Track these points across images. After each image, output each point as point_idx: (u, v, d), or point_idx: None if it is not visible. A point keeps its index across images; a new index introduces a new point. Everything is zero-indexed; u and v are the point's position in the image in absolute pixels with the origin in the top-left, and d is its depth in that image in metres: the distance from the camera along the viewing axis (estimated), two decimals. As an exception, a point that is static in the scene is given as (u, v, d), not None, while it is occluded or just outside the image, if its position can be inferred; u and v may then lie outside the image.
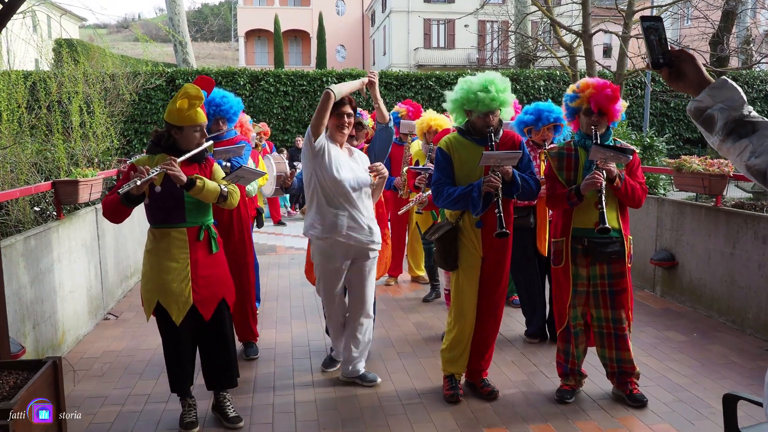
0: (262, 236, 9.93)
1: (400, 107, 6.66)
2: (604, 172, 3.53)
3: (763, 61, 15.83)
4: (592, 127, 3.66)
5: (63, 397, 3.01)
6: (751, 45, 18.15)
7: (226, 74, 17.18)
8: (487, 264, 3.83)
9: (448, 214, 3.93)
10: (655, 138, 9.88)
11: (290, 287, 6.79)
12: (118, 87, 8.33)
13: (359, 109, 4.35)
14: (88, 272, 5.38)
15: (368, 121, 5.26)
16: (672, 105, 20.27)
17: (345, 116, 3.91)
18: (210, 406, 3.74)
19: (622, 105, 3.70)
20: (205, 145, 3.47)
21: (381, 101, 4.17)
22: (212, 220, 3.58)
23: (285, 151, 14.47)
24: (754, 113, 1.55)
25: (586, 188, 3.57)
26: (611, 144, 3.72)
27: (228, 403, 3.65)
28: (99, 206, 5.75)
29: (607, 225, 3.50)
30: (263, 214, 6.60)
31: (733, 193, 14.47)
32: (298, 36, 45.50)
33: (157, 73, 15.50)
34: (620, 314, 3.75)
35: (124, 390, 4.09)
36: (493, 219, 3.67)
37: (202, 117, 3.42)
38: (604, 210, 3.52)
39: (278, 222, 11.75)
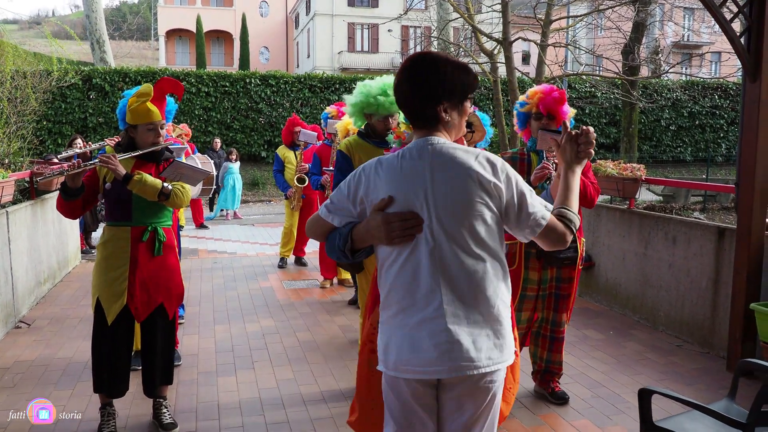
0: (183, 240, 9.65)
1: (331, 108, 6.62)
2: (553, 164, 3.51)
3: (670, 71, 16.79)
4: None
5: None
6: (660, 55, 19.21)
7: (146, 74, 16.63)
8: None
9: None
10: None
11: (213, 291, 6.63)
12: (29, 85, 7.90)
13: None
14: (-4, 279, 5.07)
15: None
16: (587, 111, 21.19)
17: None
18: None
19: (569, 109, 3.73)
20: (165, 146, 3.45)
21: None
22: (167, 223, 3.51)
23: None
24: None
25: (537, 180, 3.56)
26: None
27: (164, 410, 3.58)
28: (9, 209, 5.46)
29: None
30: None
31: (645, 195, 15.16)
32: (221, 37, 44.58)
33: (71, 71, 14.81)
34: (561, 317, 3.84)
35: (37, 403, 3.86)
36: None
37: (154, 115, 3.36)
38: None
39: (200, 225, 11.48)
